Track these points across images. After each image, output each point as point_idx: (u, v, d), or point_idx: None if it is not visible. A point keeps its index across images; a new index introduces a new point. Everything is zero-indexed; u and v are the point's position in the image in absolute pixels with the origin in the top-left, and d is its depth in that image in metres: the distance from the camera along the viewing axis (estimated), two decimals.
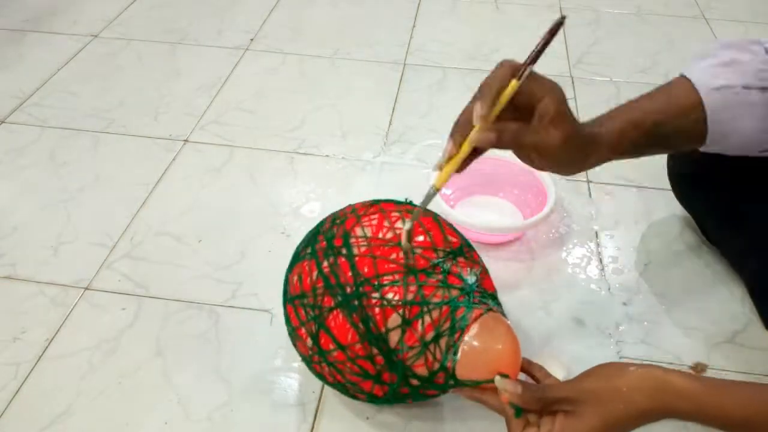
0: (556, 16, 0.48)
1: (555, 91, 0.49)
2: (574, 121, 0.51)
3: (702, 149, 0.59)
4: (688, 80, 0.56)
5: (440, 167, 0.51)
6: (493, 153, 0.94)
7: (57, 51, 1.29)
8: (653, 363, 0.73)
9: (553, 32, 0.47)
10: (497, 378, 0.53)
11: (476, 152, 0.51)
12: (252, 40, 1.35)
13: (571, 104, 1.16)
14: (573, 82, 1.21)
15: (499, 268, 0.84)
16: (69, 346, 0.75)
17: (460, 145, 0.50)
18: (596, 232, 0.91)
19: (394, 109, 1.15)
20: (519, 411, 0.52)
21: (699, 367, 0.73)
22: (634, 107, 0.56)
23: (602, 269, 0.85)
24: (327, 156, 1.04)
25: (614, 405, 0.47)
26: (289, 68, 1.26)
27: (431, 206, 0.57)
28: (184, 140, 1.07)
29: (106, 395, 0.70)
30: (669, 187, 0.88)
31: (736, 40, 0.58)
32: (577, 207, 0.94)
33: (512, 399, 0.52)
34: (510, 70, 0.48)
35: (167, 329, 0.77)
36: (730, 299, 0.81)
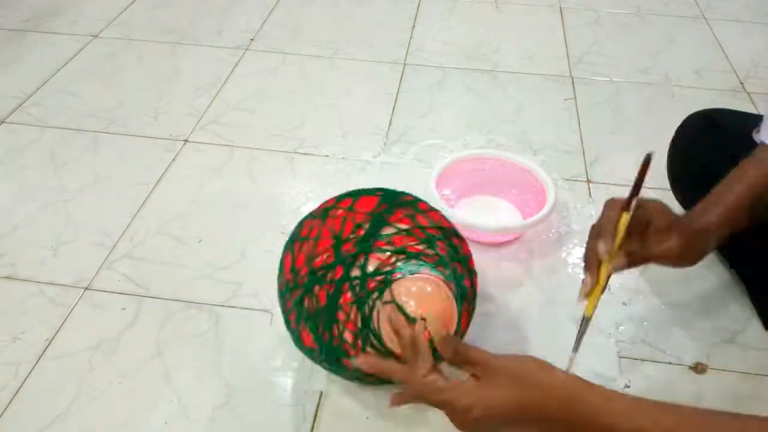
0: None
1: (660, 209, 0.56)
2: (686, 223, 0.57)
3: None
4: None
5: (585, 296, 0.56)
6: (492, 153, 0.94)
7: (57, 51, 1.29)
8: (653, 363, 0.73)
9: (644, 169, 0.53)
10: (423, 318, 0.57)
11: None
12: (252, 40, 1.35)
13: (571, 104, 1.17)
14: (573, 82, 1.21)
15: (498, 268, 0.84)
16: (69, 346, 0.75)
17: (598, 276, 0.55)
18: None
19: (394, 109, 1.15)
20: (436, 353, 0.53)
21: (699, 367, 0.73)
22: (733, 183, 0.60)
23: None
24: (327, 156, 1.04)
25: (532, 393, 0.47)
26: (289, 68, 1.26)
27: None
28: (184, 140, 1.07)
29: (106, 395, 0.70)
30: (669, 187, 0.88)
31: None
32: (577, 207, 0.94)
33: (435, 337, 0.54)
34: (619, 205, 0.54)
35: (167, 329, 0.77)
36: (730, 299, 0.81)
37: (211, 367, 0.72)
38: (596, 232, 0.55)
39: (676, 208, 0.89)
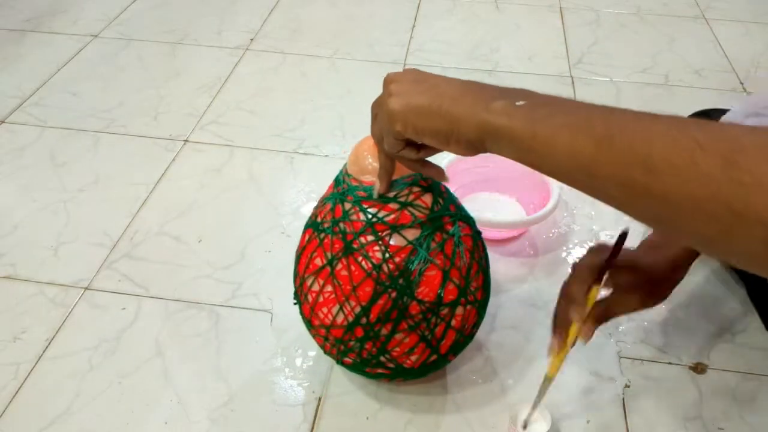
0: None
1: (626, 276, 0.58)
2: (648, 272, 0.59)
3: None
4: None
5: (551, 356, 0.59)
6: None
7: (57, 51, 1.29)
8: (653, 363, 0.73)
9: (619, 245, 0.54)
10: None
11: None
12: (252, 40, 1.35)
13: None
14: (573, 82, 1.21)
15: (501, 264, 0.84)
16: (69, 346, 0.75)
17: (565, 339, 0.57)
18: (596, 233, 0.91)
19: None
20: None
21: (699, 367, 0.73)
22: None
23: None
24: (327, 156, 1.04)
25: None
26: (289, 68, 1.26)
27: None
28: (184, 140, 1.07)
29: (106, 395, 0.70)
30: None
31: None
32: (578, 207, 0.94)
33: None
34: (590, 275, 0.56)
35: (167, 329, 0.77)
36: (730, 299, 0.81)
37: (211, 367, 0.72)
38: (567, 297, 0.57)
39: None
